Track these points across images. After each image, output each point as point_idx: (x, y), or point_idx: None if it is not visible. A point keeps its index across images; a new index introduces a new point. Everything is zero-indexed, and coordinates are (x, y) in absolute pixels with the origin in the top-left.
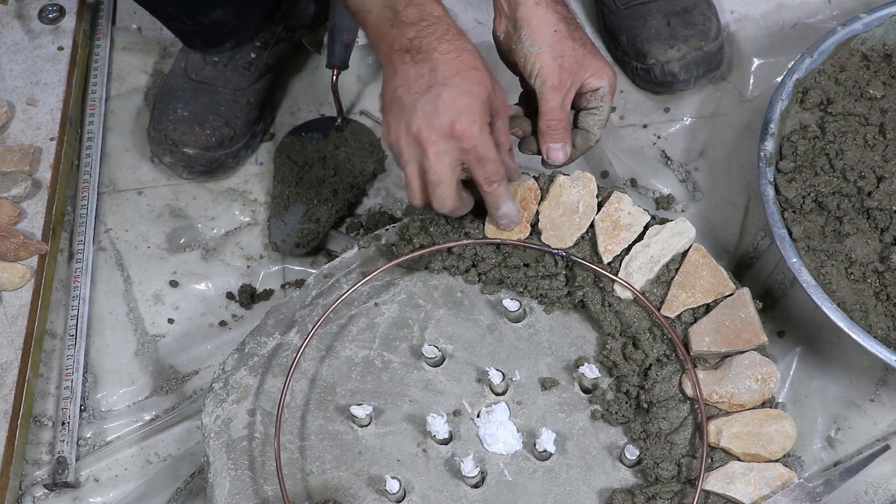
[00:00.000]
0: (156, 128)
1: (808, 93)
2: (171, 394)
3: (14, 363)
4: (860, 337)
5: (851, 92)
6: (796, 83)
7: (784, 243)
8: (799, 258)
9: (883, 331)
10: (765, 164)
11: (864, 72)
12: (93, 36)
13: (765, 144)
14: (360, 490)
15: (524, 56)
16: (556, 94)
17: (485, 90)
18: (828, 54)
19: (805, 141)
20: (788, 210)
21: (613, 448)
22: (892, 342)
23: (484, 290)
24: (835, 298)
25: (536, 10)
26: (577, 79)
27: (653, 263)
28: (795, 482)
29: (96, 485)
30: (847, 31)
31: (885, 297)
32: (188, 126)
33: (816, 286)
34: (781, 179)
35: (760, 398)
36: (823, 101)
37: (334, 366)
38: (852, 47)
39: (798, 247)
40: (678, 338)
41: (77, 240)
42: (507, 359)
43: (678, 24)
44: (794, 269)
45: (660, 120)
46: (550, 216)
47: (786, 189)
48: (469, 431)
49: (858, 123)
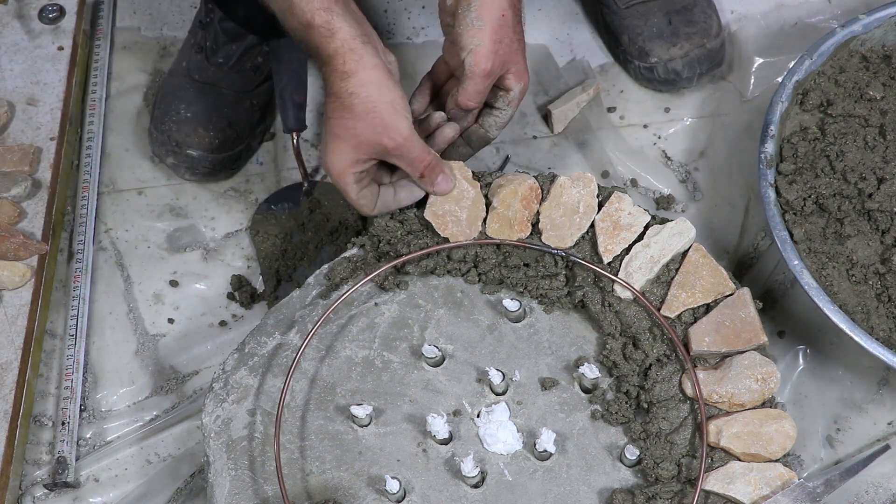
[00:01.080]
0: (158, 128)
1: (807, 94)
2: (171, 394)
3: (14, 363)
4: (862, 339)
5: (851, 93)
6: (796, 85)
7: (785, 245)
8: (800, 260)
9: (885, 332)
10: (765, 167)
11: (863, 73)
12: (93, 36)
13: (765, 147)
14: (360, 490)
15: (465, 26)
16: (483, 79)
17: (349, 142)
18: (827, 56)
19: (805, 143)
20: (789, 212)
21: (613, 448)
22: (893, 343)
23: (484, 290)
24: (836, 300)
25: None
26: (503, 71)
27: (653, 263)
28: (795, 482)
29: (96, 485)
30: (846, 33)
31: (886, 299)
32: (191, 127)
33: (818, 288)
34: (782, 182)
35: (760, 398)
36: (823, 102)
37: (334, 366)
38: (851, 48)
39: (799, 249)
40: (678, 338)
41: (77, 240)
42: (507, 359)
43: (680, 23)
44: (796, 272)
45: (660, 120)
46: (551, 216)
47: (786, 191)
48: (469, 431)
49: (858, 125)
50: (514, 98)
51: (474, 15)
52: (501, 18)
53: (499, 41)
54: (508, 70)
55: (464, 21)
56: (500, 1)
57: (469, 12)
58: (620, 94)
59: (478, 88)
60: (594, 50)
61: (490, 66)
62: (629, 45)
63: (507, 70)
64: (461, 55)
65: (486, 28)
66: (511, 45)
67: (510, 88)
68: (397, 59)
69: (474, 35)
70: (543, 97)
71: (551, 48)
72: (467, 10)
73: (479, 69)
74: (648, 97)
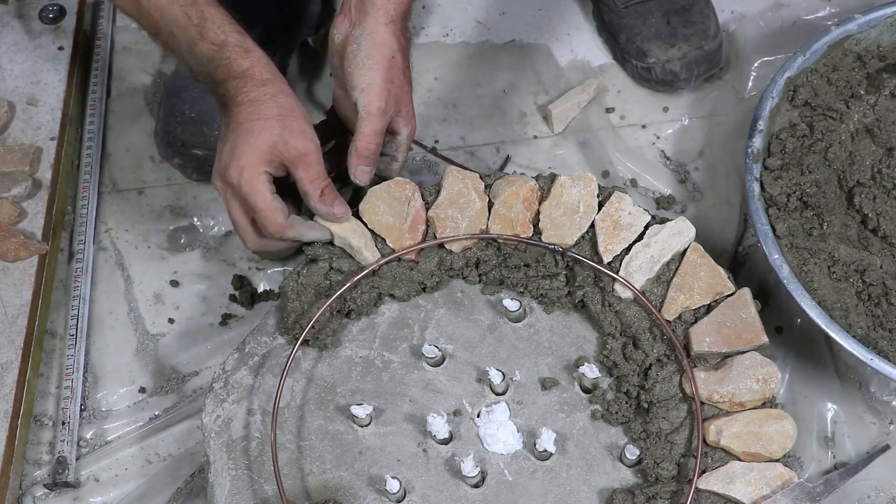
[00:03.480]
0: (164, 129)
1: (798, 91)
2: (171, 394)
3: (14, 363)
4: (839, 335)
5: (842, 92)
6: (787, 81)
7: (767, 240)
8: (781, 255)
9: (863, 330)
10: (752, 161)
11: (856, 72)
12: (93, 36)
13: (752, 141)
14: (360, 490)
15: (356, 65)
16: (379, 118)
17: (266, 141)
18: (821, 54)
19: (793, 139)
20: (773, 207)
21: (613, 448)
22: (871, 341)
23: (484, 291)
24: (815, 296)
25: (383, 29)
26: (395, 112)
27: (653, 263)
28: (795, 482)
29: (96, 484)
30: (841, 32)
31: (866, 297)
32: (197, 127)
33: (797, 283)
34: (767, 177)
35: (761, 398)
36: (813, 99)
37: (334, 366)
38: (846, 47)
39: (781, 244)
40: (677, 339)
41: (77, 240)
42: (508, 359)
43: (678, 23)
44: (776, 266)
45: (659, 120)
46: (551, 216)
47: (771, 186)
48: (469, 431)
49: (847, 123)
50: (402, 143)
51: (365, 54)
52: (391, 60)
53: (390, 80)
54: (399, 112)
55: (354, 60)
56: (389, 42)
57: (359, 51)
58: (619, 94)
59: (375, 128)
60: (594, 50)
61: (384, 104)
62: (627, 44)
63: (397, 112)
64: (353, 95)
65: (378, 67)
66: (402, 87)
67: (398, 132)
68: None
69: (366, 74)
70: (544, 97)
71: (552, 48)
72: (357, 49)
73: (374, 107)
74: (647, 97)
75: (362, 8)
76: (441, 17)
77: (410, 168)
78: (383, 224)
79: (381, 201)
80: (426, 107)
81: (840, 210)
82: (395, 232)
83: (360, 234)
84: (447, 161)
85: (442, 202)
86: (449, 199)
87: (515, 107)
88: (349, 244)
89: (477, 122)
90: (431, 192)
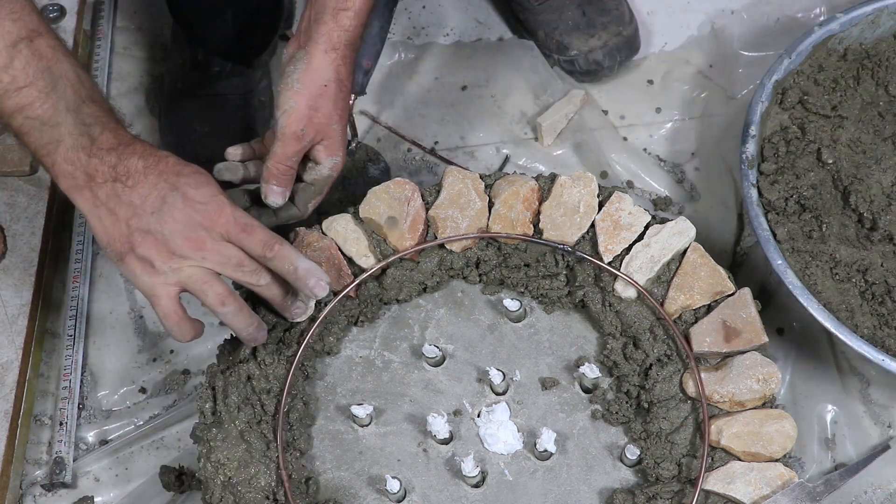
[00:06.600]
0: (183, 151)
1: (786, 94)
2: (171, 393)
3: (14, 363)
4: (847, 336)
5: (830, 92)
6: (775, 84)
7: (769, 245)
8: (784, 260)
9: (869, 329)
10: (747, 167)
11: (842, 71)
12: (93, 36)
13: (746, 147)
14: (360, 490)
15: (286, 87)
16: (293, 143)
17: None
18: (806, 55)
19: (786, 142)
20: (772, 212)
21: (614, 448)
22: (878, 340)
23: (485, 291)
24: (820, 299)
25: (322, 57)
26: (315, 141)
27: (653, 263)
28: (795, 482)
29: (96, 484)
30: (824, 32)
31: (870, 297)
32: (215, 140)
33: (802, 287)
34: (764, 182)
35: (761, 398)
36: (802, 101)
37: (334, 366)
38: (829, 47)
39: (783, 248)
40: (681, 336)
41: (77, 240)
42: (508, 358)
43: (594, 13)
44: (780, 271)
45: (652, 121)
46: (552, 216)
47: (768, 192)
48: (469, 431)
49: (837, 123)
50: (322, 175)
51: (296, 77)
52: (323, 88)
53: (314, 108)
54: (321, 141)
55: (286, 81)
56: (325, 71)
57: (293, 73)
58: (611, 95)
59: (286, 152)
60: None
61: (300, 129)
62: (546, 40)
63: (318, 141)
64: (276, 114)
65: (304, 92)
66: (329, 118)
67: (319, 161)
68: (398, 59)
69: (291, 97)
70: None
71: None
72: (292, 71)
73: (289, 130)
74: (639, 98)
75: (308, 32)
76: (441, 17)
77: (410, 168)
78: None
79: (380, 201)
80: (426, 107)
81: (837, 211)
82: (395, 232)
83: (355, 241)
84: (447, 161)
85: (442, 202)
86: (449, 198)
87: (515, 107)
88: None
89: (477, 122)
90: (431, 192)
